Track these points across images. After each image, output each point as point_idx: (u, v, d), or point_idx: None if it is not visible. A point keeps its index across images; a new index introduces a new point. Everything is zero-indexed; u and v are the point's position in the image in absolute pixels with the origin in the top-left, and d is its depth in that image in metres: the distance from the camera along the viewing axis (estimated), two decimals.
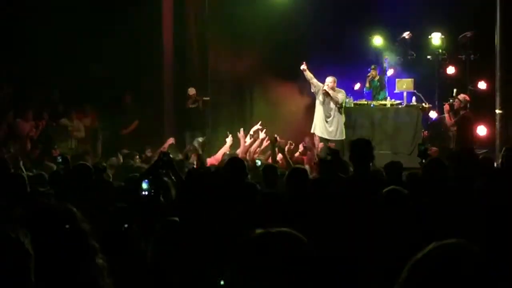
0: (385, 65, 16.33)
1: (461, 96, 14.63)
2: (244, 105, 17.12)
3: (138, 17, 16.14)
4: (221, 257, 4.50)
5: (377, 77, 16.28)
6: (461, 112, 14.47)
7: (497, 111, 14.53)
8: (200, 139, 13.95)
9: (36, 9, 15.78)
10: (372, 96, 16.20)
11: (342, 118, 14.49)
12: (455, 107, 14.59)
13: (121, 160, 12.39)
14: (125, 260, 4.51)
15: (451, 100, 14.98)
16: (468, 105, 14.62)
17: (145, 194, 6.07)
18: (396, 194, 5.22)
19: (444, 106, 14.85)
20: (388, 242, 4.69)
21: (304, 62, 14.33)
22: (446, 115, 14.70)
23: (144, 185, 6.10)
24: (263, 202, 6.19)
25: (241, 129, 13.05)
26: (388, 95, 15.98)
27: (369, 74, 16.31)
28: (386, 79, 16.29)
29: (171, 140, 14.07)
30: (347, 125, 14.73)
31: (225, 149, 13.10)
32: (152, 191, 6.05)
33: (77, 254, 2.85)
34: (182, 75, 17.50)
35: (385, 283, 3.69)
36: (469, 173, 5.86)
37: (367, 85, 16.30)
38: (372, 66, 16.42)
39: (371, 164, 6.56)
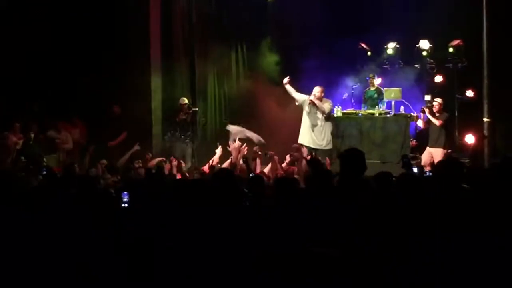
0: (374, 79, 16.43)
1: (439, 99, 14.74)
2: (232, 115, 17.08)
3: (126, 27, 16.16)
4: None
5: (374, 87, 16.33)
6: (445, 114, 14.63)
7: (485, 119, 14.58)
8: None
9: (24, 21, 15.76)
10: (368, 106, 16.17)
11: (330, 128, 14.50)
12: (436, 110, 14.59)
13: (100, 171, 12.34)
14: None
15: (428, 104, 15.02)
16: None
17: (125, 206, 6.13)
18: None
19: (425, 110, 14.73)
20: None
21: (288, 77, 14.40)
22: (432, 118, 14.57)
23: (124, 197, 6.15)
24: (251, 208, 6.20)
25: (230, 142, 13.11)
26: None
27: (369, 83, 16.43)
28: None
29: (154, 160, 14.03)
30: (335, 134, 14.75)
31: (214, 160, 13.11)
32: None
33: None
34: (170, 85, 17.43)
35: None
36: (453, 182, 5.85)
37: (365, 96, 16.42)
38: (370, 75, 16.49)
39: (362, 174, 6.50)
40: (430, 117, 14.52)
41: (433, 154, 14.23)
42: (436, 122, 14.48)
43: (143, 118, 16.57)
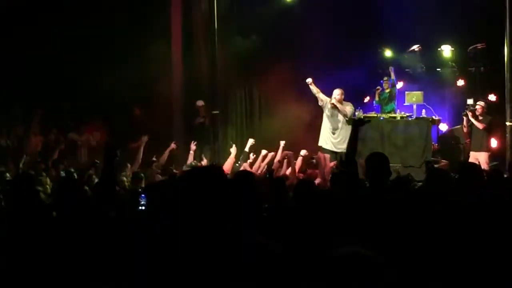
0: (392, 75, 16.25)
1: (482, 102, 14.86)
2: (252, 119, 17.08)
3: (147, 30, 16.22)
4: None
5: (388, 90, 16.21)
6: (488, 117, 14.74)
7: (508, 123, 14.46)
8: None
9: (44, 23, 15.85)
10: (380, 108, 16.15)
11: (350, 131, 14.50)
12: (479, 113, 14.65)
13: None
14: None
15: (471, 108, 14.95)
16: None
17: (142, 209, 6.04)
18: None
19: (468, 113, 14.79)
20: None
21: (310, 78, 14.41)
22: (475, 121, 14.64)
23: (142, 200, 6.06)
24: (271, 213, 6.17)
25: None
26: (397, 107, 15.95)
27: (378, 87, 16.26)
28: (396, 91, 16.23)
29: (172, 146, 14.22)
30: (356, 137, 14.71)
31: (230, 159, 13.27)
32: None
33: None
34: (191, 88, 17.45)
35: None
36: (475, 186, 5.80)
37: (376, 98, 16.25)
38: (385, 78, 16.38)
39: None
40: (473, 120, 14.56)
41: (478, 158, 14.22)
42: (479, 125, 14.63)
43: (164, 120, 16.63)
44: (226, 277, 3.66)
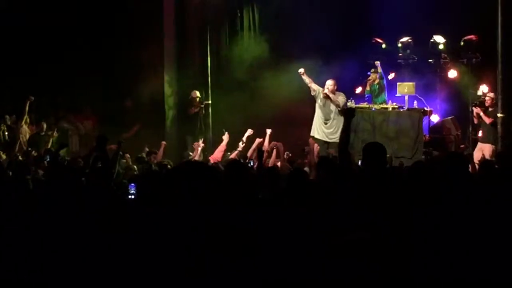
0: (379, 69, 16.24)
1: (491, 94, 14.79)
2: (245, 109, 17.06)
3: (139, 18, 16.18)
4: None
5: (377, 81, 16.23)
6: (497, 109, 14.54)
7: (499, 114, 14.47)
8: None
9: (37, 16, 15.82)
10: (371, 99, 16.17)
11: (342, 121, 14.47)
12: (488, 104, 14.66)
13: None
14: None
15: (481, 99, 14.95)
16: None
17: (131, 198, 6.08)
18: None
19: (475, 109, 14.81)
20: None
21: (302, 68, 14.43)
22: (482, 115, 14.63)
23: (131, 189, 6.11)
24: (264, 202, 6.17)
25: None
26: (388, 99, 15.97)
27: (369, 78, 16.29)
28: (385, 82, 16.24)
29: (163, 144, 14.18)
30: (349, 128, 14.67)
31: (222, 147, 13.27)
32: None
33: None
34: (183, 78, 17.42)
35: None
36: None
37: (368, 88, 16.28)
38: (372, 70, 16.39)
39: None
40: (481, 114, 14.58)
41: (483, 149, 14.26)
42: (486, 119, 14.55)
43: (157, 110, 16.63)
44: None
